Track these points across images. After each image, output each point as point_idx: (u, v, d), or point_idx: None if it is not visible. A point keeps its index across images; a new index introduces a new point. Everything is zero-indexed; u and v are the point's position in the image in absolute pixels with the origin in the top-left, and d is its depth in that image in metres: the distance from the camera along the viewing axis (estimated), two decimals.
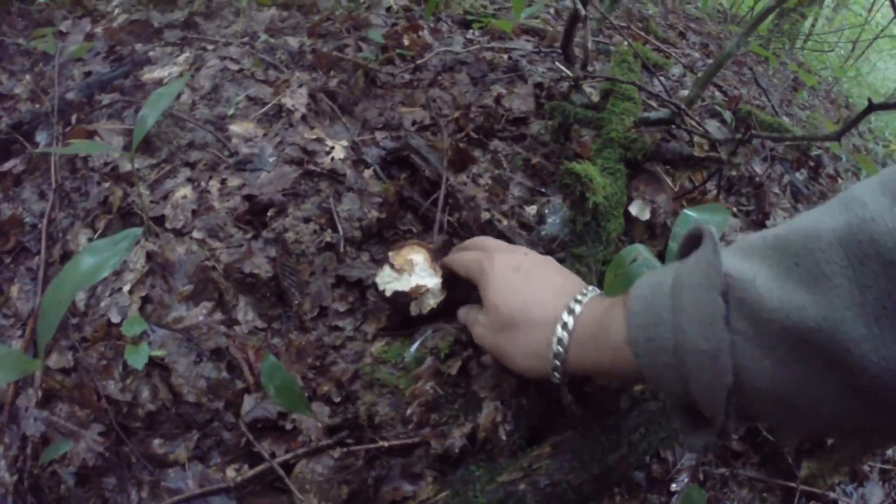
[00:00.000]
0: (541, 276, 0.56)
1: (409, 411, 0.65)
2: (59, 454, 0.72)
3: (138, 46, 1.21)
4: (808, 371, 0.32)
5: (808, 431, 0.37)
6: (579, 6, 0.91)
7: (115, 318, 0.82)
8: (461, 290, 0.70)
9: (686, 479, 0.74)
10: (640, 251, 0.65)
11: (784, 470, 0.78)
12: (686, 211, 0.73)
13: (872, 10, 4.11)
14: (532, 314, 0.53)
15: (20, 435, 0.78)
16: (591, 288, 0.54)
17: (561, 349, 0.50)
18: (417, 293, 0.70)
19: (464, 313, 0.66)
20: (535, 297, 0.54)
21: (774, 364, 0.33)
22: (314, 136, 0.93)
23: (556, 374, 0.52)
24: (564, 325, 0.50)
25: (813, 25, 4.29)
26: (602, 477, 0.61)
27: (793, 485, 0.79)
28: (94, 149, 0.88)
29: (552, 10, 1.58)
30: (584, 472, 0.60)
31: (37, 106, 1.18)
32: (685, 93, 1.32)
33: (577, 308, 0.50)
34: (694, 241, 0.42)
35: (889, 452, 0.93)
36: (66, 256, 0.91)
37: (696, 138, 0.98)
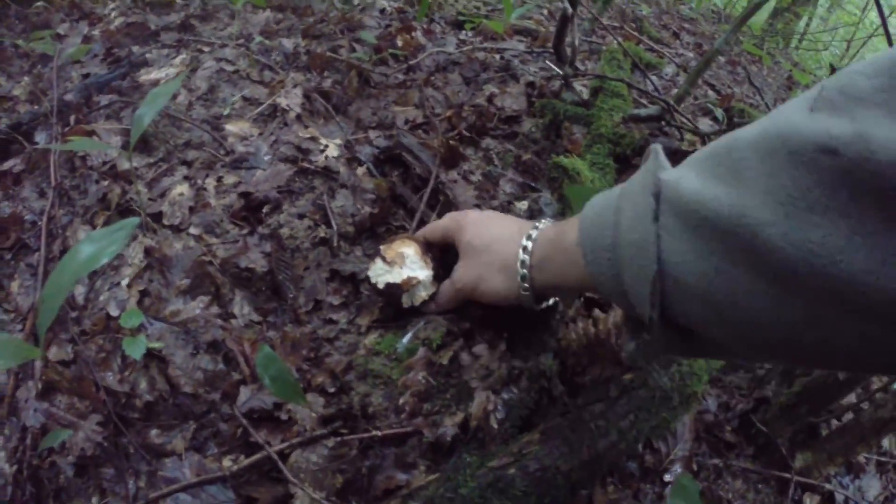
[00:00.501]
0: (505, 218, 0.68)
1: (401, 401, 0.67)
2: (58, 442, 0.73)
3: (135, 48, 1.23)
4: (724, 261, 0.33)
5: (735, 337, 0.36)
6: (567, 5, 0.93)
7: (114, 312, 0.83)
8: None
9: (679, 470, 0.76)
10: None
11: (778, 461, 0.80)
12: None
13: (866, 9, 4.14)
14: (502, 237, 0.62)
15: (20, 426, 0.80)
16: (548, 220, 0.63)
17: (526, 257, 0.57)
18: (409, 285, 0.72)
19: (444, 284, 0.72)
20: (503, 228, 0.64)
21: (695, 257, 0.35)
22: (308, 135, 0.95)
23: (525, 286, 0.58)
24: (529, 237, 0.58)
25: (807, 25, 4.33)
26: (592, 463, 0.63)
27: (787, 476, 0.80)
28: (92, 146, 0.90)
29: (545, 12, 1.61)
30: (573, 457, 0.62)
31: (35, 107, 1.19)
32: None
33: (541, 225, 0.60)
34: None
35: (885, 444, 0.94)
36: (66, 252, 0.92)
37: (686, 135, 1.00)
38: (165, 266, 0.85)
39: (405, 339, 0.73)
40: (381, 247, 0.74)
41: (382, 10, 1.33)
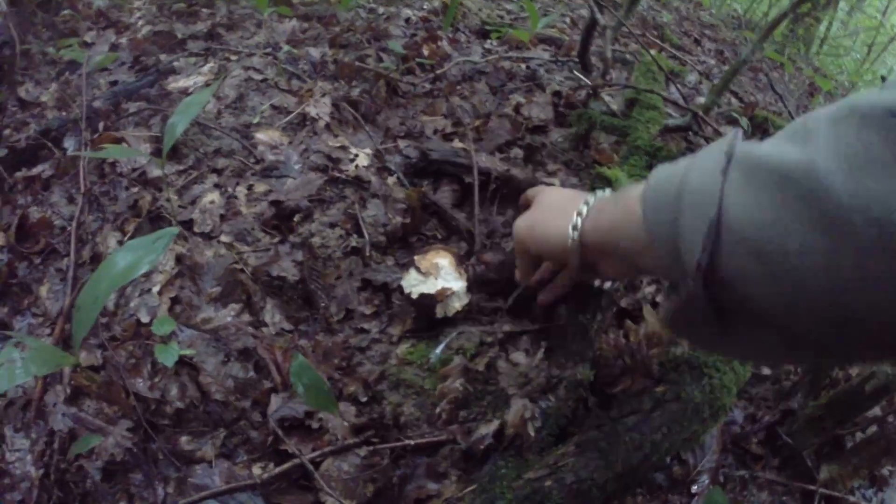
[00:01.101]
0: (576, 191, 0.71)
1: (438, 409, 0.67)
2: (88, 448, 0.74)
3: (163, 57, 1.24)
4: (783, 210, 0.34)
5: (777, 300, 0.36)
6: (598, 14, 0.93)
7: (145, 318, 0.84)
8: (489, 287, 0.72)
9: (706, 481, 0.75)
10: None
11: (804, 473, 0.79)
12: None
13: (886, 12, 4.12)
14: (569, 196, 0.66)
15: (47, 430, 0.80)
16: None
17: (584, 208, 0.59)
18: (443, 296, 0.72)
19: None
20: (573, 193, 0.68)
21: (755, 207, 0.36)
22: (338, 144, 0.95)
23: (574, 234, 0.59)
24: (594, 196, 0.61)
25: (828, 30, 4.31)
26: (626, 475, 0.63)
27: (812, 488, 0.79)
28: (125, 154, 0.91)
29: (568, 20, 1.62)
30: (608, 470, 0.61)
31: (63, 113, 1.21)
32: (701, 99, 1.34)
33: (606, 190, 0.63)
34: None
35: None
36: (96, 258, 0.93)
37: None
38: (196, 273, 0.85)
39: (438, 350, 0.73)
40: (416, 257, 0.74)
41: (407, 20, 1.34)
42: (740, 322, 0.41)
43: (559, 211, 0.63)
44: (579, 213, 0.59)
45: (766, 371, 0.93)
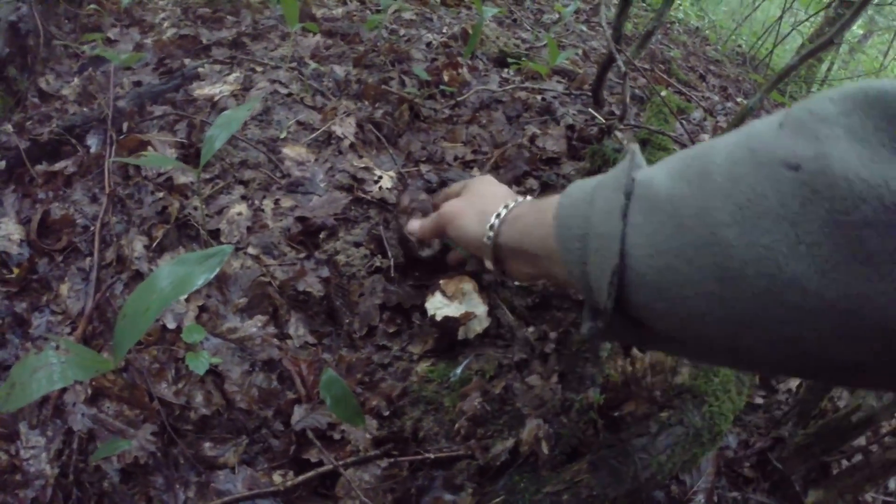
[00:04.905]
0: (505, 187, 0.75)
1: (456, 425, 0.71)
2: (117, 452, 0.75)
3: (187, 61, 1.27)
4: (680, 258, 0.36)
5: (682, 332, 0.40)
6: (617, 56, 0.99)
7: (171, 324, 0.86)
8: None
9: (702, 501, 0.81)
10: None
11: (792, 497, 0.86)
12: None
13: (888, 53, 4.25)
14: (495, 193, 0.70)
15: (64, 429, 0.82)
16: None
17: (504, 210, 0.63)
18: (467, 319, 0.76)
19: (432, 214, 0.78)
20: (501, 189, 0.72)
21: (655, 252, 0.38)
22: (363, 165, 0.99)
23: (490, 233, 0.63)
24: (515, 200, 0.64)
25: (829, 70, 4.45)
26: (634, 492, 0.68)
27: None
28: (159, 162, 0.93)
29: (580, 52, 1.68)
30: (619, 486, 0.67)
31: (85, 109, 1.22)
32: (705, 136, 1.41)
33: (528, 197, 0.66)
34: None
35: (892, 485, 1.00)
36: (121, 261, 0.95)
37: None
38: (224, 284, 0.88)
39: (458, 370, 0.77)
40: (441, 281, 0.79)
41: (429, 44, 1.38)
42: (655, 338, 0.44)
43: (480, 206, 0.67)
44: (498, 215, 0.63)
45: (758, 400, 1.00)
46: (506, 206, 0.63)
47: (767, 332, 0.34)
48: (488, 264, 0.65)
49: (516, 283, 0.72)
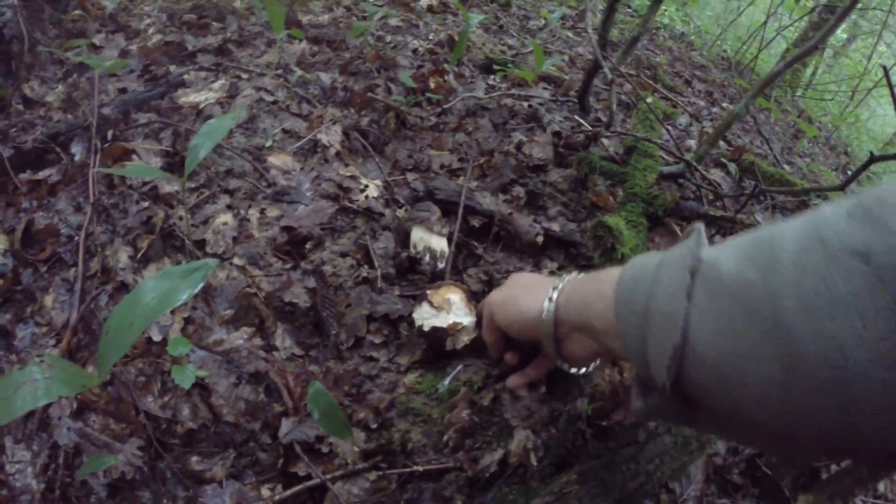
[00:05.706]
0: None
1: (445, 437, 0.71)
2: (103, 468, 0.75)
3: (173, 68, 1.26)
4: (745, 342, 0.36)
5: (736, 415, 0.41)
6: (603, 62, 0.99)
7: (156, 337, 0.86)
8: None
9: None
10: None
11: (782, 502, 0.87)
12: None
13: (871, 58, 4.30)
14: (534, 278, 0.70)
15: (50, 443, 0.81)
16: None
17: (559, 285, 0.62)
18: (454, 330, 0.76)
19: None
20: (537, 275, 0.73)
21: (719, 335, 0.38)
22: (349, 174, 0.99)
23: (550, 307, 0.61)
24: (562, 280, 0.63)
25: (813, 74, 4.49)
26: (623, 502, 0.69)
27: None
28: (144, 172, 0.92)
29: (566, 58, 1.68)
30: (608, 497, 0.67)
31: (69, 116, 1.21)
32: (691, 142, 1.42)
33: (575, 273, 0.65)
34: None
35: (881, 488, 1.01)
36: (106, 271, 0.94)
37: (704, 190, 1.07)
38: (210, 295, 0.87)
39: (446, 381, 0.77)
40: (428, 291, 0.79)
41: (415, 51, 1.38)
42: (705, 416, 0.44)
43: (533, 288, 0.65)
44: (555, 288, 0.61)
45: None
46: (555, 288, 0.61)
47: (825, 420, 0.34)
48: (548, 345, 0.63)
49: (572, 370, 0.68)
